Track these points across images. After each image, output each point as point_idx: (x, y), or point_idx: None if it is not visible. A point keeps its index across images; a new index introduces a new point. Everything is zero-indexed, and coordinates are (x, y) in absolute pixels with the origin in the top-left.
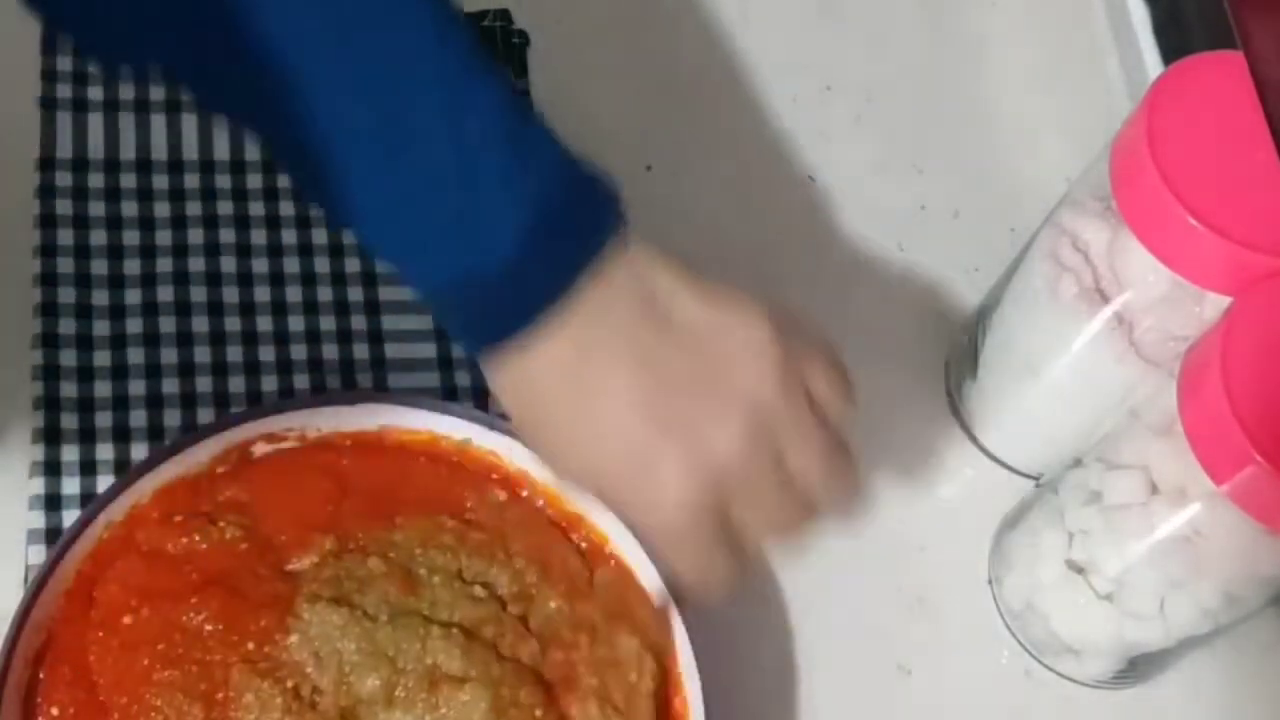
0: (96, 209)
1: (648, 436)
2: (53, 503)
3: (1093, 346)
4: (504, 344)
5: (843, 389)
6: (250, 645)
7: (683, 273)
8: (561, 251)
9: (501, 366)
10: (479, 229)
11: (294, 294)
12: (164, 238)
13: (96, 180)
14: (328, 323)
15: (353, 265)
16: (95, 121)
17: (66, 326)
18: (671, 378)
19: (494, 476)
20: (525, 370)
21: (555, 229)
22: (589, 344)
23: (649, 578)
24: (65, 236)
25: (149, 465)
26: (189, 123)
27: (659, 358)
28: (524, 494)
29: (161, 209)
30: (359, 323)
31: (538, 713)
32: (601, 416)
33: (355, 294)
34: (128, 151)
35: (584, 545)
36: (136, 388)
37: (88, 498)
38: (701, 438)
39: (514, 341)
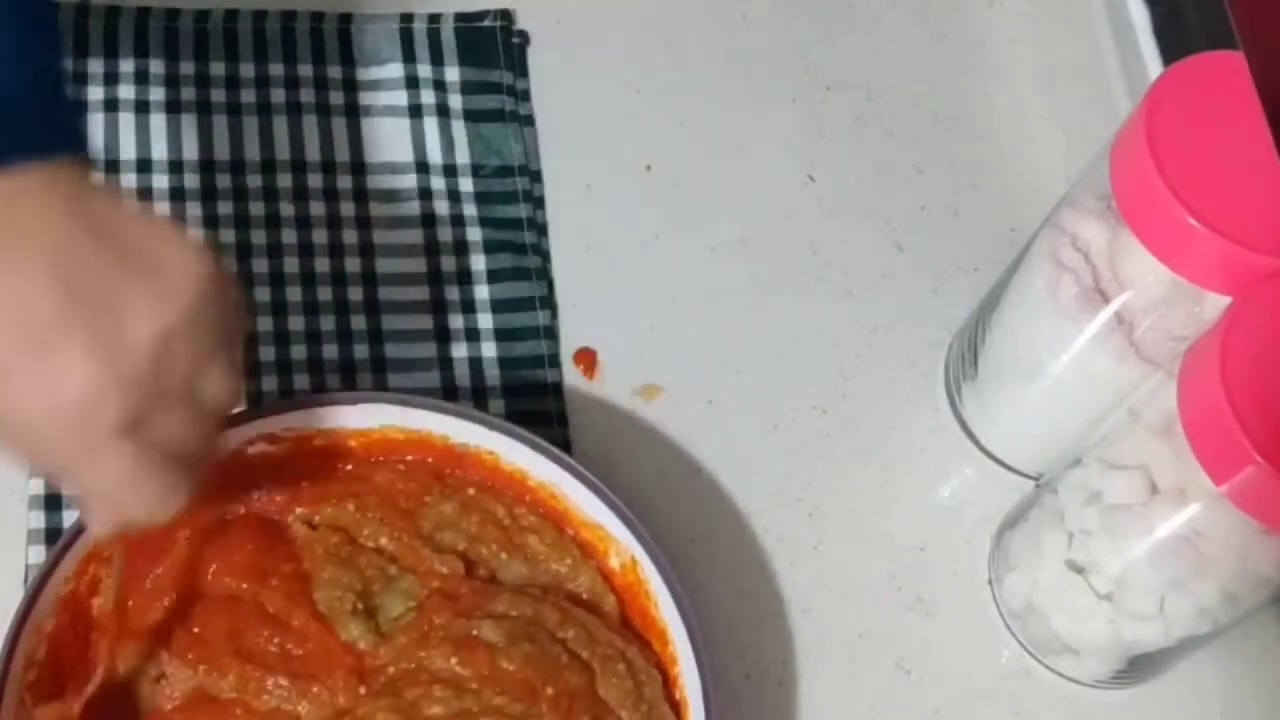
0: None
1: (57, 297)
2: (53, 503)
3: (1093, 346)
4: None
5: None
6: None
7: (126, 196)
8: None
9: None
10: None
11: (294, 294)
12: None
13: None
14: (328, 323)
15: (353, 265)
16: (95, 122)
17: None
18: (99, 251)
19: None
20: None
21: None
22: (14, 210)
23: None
24: None
25: None
26: (189, 123)
27: (89, 239)
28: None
29: (161, 209)
30: (359, 323)
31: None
32: (8, 266)
33: (355, 294)
34: (127, 152)
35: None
36: None
37: None
38: (121, 315)
39: None
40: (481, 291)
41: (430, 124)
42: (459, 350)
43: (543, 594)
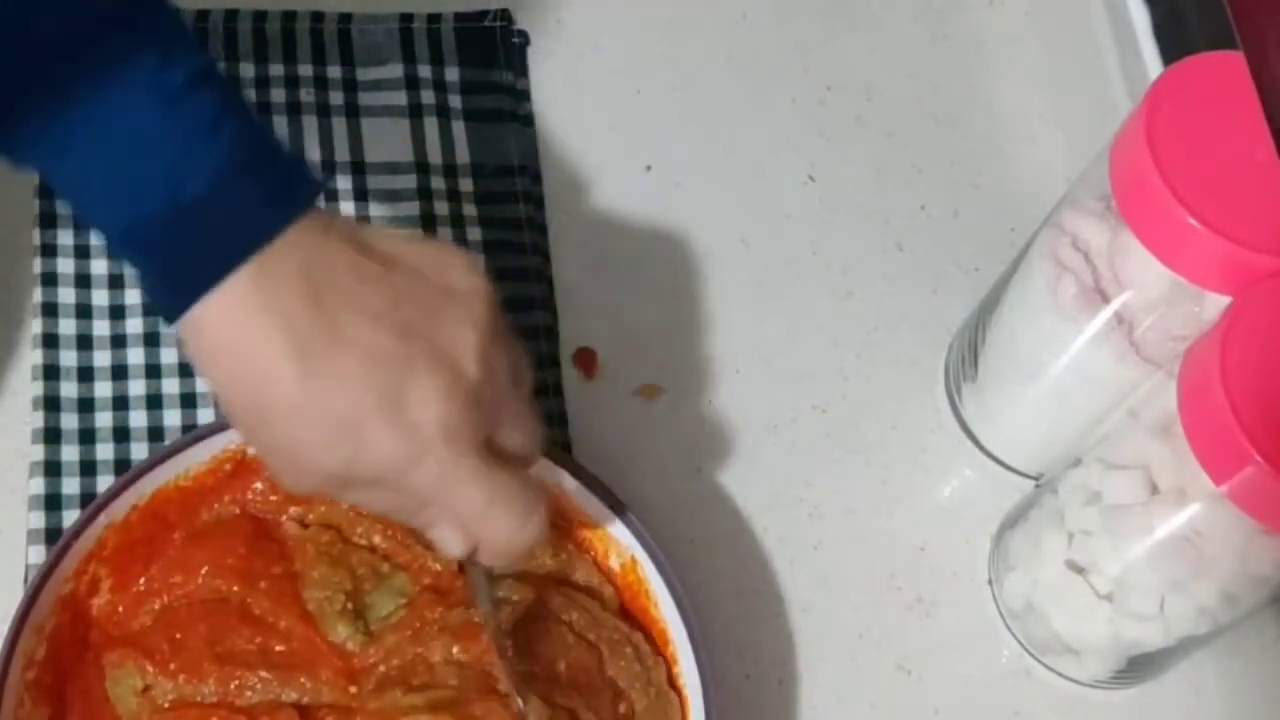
0: None
1: (395, 347)
2: (53, 503)
3: (1093, 346)
4: (206, 289)
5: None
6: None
7: (381, 226)
8: (262, 188)
9: (210, 321)
10: (177, 164)
11: None
12: None
13: None
14: None
15: None
16: None
17: (66, 327)
18: (402, 292)
19: None
20: (235, 318)
21: (254, 168)
22: (310, 275)
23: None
24: (66, 236)
25: (149, 465)
26: None
27: (384, 278)
28: None
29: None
30: None
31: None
32: (341, 343)
33: None
34: None
35: None
36: (136, 388)
37: (88, 498)
38: (447, 339)
39: (217, 287)
40: None
41: (430, 124)
42: None
43: (543, 580)
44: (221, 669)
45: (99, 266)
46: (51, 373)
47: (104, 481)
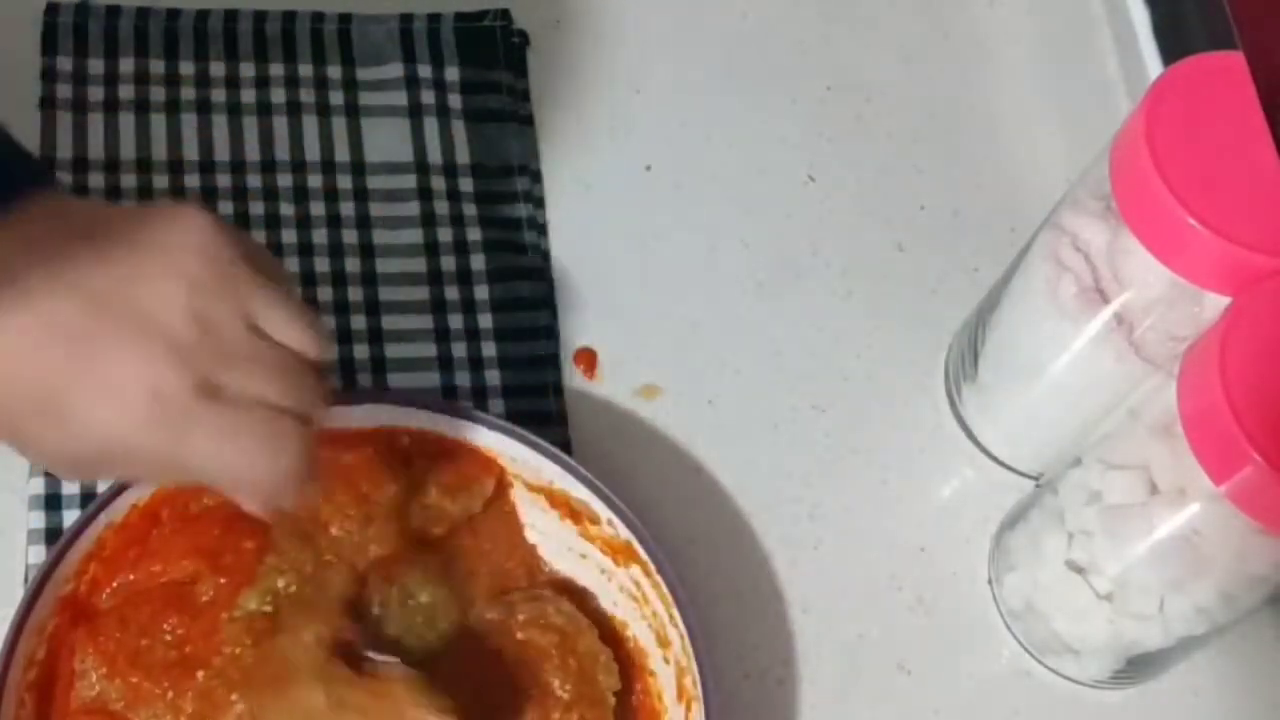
0: None
1: (80, 309)
2: (53, 503)
3: (1093, 346)
4: None
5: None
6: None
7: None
8: None
9: None
10: None
11: None
12: None
13: (96, 180)
14: (328, 323)
15: (353, 265)
16: (95, 121)
17: None
18: (100, 253)
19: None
20: None
21: None
22: (7, 253)
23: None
24: None
25: None
26: (189, 123)
27: (86, 247)
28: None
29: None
30: (359, 323)
31: None
32: (25, 310)
33: (355, 294)
34: (128, 151)
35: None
36: None
37: (88, 497)
38: (145, 299)
39: None
40: (481, 291)
41: (430, 124)
42: (459, 350)
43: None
44: (128, 675)
45: None
46: None
47: (104, 481)
